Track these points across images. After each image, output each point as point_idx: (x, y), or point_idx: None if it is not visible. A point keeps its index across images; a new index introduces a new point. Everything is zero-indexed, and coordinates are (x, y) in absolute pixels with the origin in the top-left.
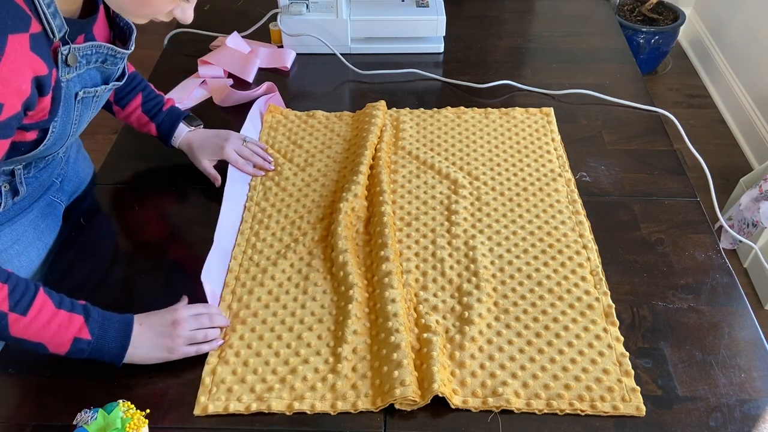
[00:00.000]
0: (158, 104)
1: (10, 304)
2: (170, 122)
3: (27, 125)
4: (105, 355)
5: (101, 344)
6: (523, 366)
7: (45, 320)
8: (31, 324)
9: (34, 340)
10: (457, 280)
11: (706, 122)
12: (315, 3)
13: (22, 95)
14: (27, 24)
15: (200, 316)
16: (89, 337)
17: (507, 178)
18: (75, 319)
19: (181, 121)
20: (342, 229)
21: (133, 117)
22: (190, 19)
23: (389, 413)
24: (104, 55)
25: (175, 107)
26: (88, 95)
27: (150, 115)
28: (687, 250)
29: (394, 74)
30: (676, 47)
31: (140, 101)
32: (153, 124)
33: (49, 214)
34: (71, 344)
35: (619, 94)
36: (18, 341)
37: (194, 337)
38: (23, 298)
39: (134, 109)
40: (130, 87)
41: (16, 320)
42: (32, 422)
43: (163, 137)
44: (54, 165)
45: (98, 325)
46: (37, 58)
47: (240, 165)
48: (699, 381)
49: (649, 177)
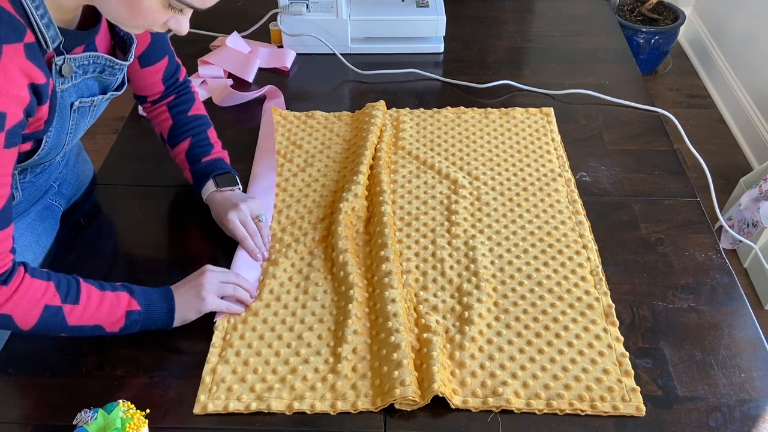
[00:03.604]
0: (202, 153)
1: (61, 297)
2: (203, 175)
3: (23, 135)
4: (157, 320)
5: (151, 311)
6: (523, 366)
7: (96, 303)
8: (85, 309)
9: (92, 324)
10: (457, 280)
11: (706, 122)
12: (315, 3)
13: (22, 102)
14: (21, 34)
15: (227, 272)
16: (139, 307)
17: (507, 178)
18: (121, 295)
19: (211, 178)
20: (342, 229)
21: (178, 159)
22: (185, 31)
23: (389, 413)
24: (102, 66)
25: (218, 161)
26: (85, 105)
27: (190, 162)
28: (687, 250)
29: (394, 74)
30: (676, 47)
31: (187, 146)
32: (189, 171)
33: (47, 218)
34: (125, 318)
35: (619, 94)
36: (76, 330)
37: (224, 289)
38: (70, 289)
39: (180, 152)
40: (184, 129)
41: (72, 310)
42: (32, 422)
43: (196, 188)
44: (51, 170)
45: (142, 295)
46: (33, 67)
47: (239, 236)
48: (699, 381)
49: (649, 177)
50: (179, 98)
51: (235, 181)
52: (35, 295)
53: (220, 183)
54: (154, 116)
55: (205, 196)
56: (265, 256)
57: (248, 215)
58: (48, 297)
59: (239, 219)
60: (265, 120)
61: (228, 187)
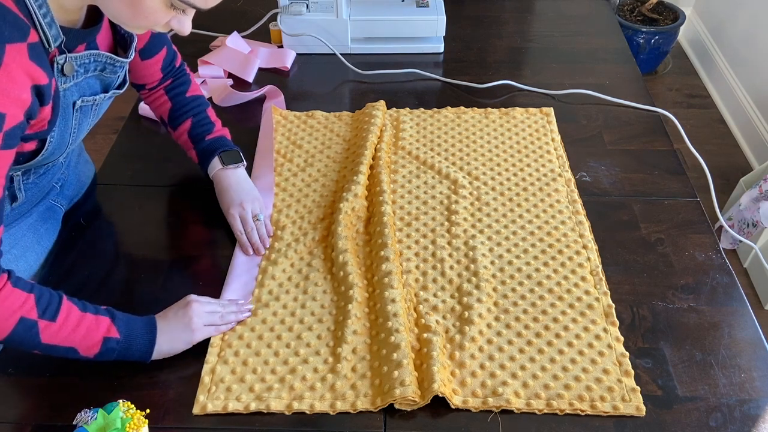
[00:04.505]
0: (205, 131)
1: (38, 312)
2: (208, 153)
3: (26, 136)
4: (135, 352)
5: (130, 341)
6: (523, 366)
7: (74, 324)
8: (61, 329)
9: (65, 345)
10: (457, 280)
11: (706, 122)
12: (315, 3)
13: (23, 104)
14: (25, 34)
15: (212, 302)
16: (118, 335)
17: (507, 178)
18: (102, 320)
19: (217, 155)
20: (342, 229)
21: (181, 140)
22: (188, 31)
23: (389, 413)
24: (103, 64)
25: (221, 138)
26: (87, 104)
27: (194, 141)
28: (687, 250)
29: (394, 74)
30: (676, 47)
31: (188, 126)
32: (194, 150)
33: (49, 218)
34: (101, 344)
35: (619, 94)
36: (49, 348)
37: (212, 319)
38: (50, 305)
39: (182, 132)
40: (183, 110)
41: (46, 327)
42: (32, 422)
43: (202, 166)
44: (54, 170)
45: (124, 324)
46: (36, 68)
47: (236, 231)
48: (699, 381)
49: (649, 177)
50: (176, 81)
51: (240, 157)
52: (13, 305)
53: (226, 160)
54: (152, 101)
55: (211, 173)
56: (260, 252)
57: (249, 213)
58: (26, 309)
59: (239, 215)
60: (265, 120)
61: (234, 164)
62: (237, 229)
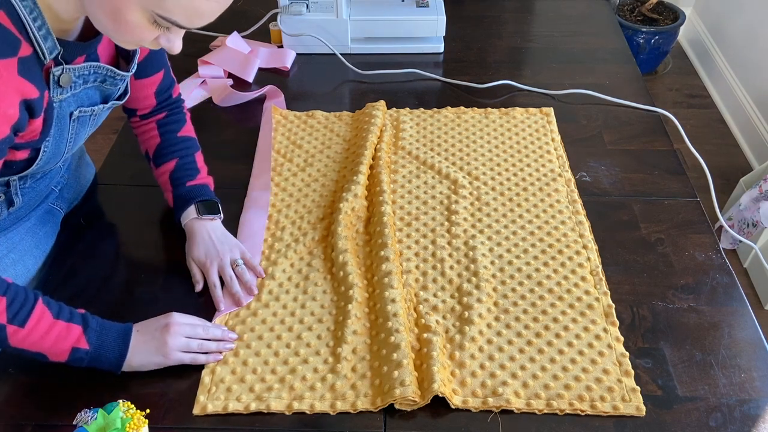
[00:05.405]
0: (187, 177)
1: (8, 317)
2: (184, 200)
3: (18, 144)
4: (104, 364)
5: (99, 353)
6: (523, 366)
7: (43, 331)
8: (29, 335)
9: (33, 350)
10: (457, 280)
11: (706, 122)
12: (315, 3)
13: (9, 120)
14: (15, 48)
15: (195, 325)
16: (87, 347)
17: (507, 178)
18: (73, 329)
19: (193, 204)
20: (342, 229)
21: (161, 180)
22: (178, 50)
23: (389, 413)
24: (103, 75)
25: (202, 186)
26: (85, 114)
27: (173, 184)
28: (687, 250)
29: (394, 74)
30: (676, 47)
31: (172, 167)
32: (171, 194)
33: (48, 222)
34: (69, 354)
35: (619, 94)
36: (18, 351)
37: (188, 345)
38: (22, 309)
39: (163, 172)
40: (171, 149)
41: (14, 332)
42: (32, 422)
43: (175, 213)
44: (52, 175)
45: (96, 334)
46: (25, 82)
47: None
48: (699, 381)
49: (649, 177)
50: (170, 117)
51: (218, 209)
52: None
53: (202, 210)
54: (142, 132)
55: (184, 222)
56: (241, 304)
57: (227, 264)
58: None
59: (218, 265)
60: (266, 120)
61: (209, 216)
62: (211, 281)
